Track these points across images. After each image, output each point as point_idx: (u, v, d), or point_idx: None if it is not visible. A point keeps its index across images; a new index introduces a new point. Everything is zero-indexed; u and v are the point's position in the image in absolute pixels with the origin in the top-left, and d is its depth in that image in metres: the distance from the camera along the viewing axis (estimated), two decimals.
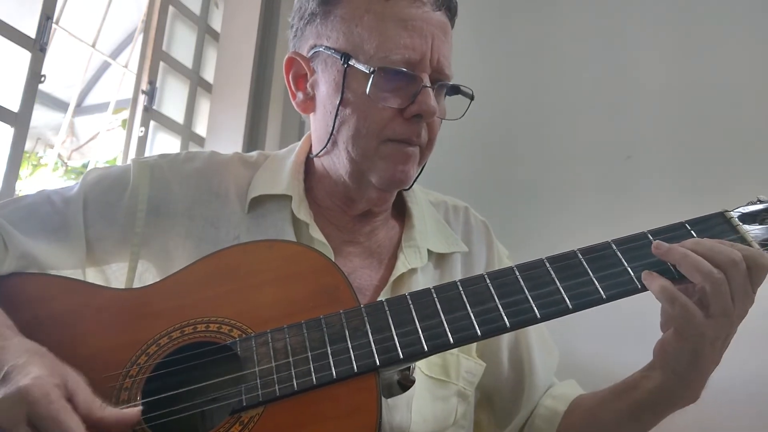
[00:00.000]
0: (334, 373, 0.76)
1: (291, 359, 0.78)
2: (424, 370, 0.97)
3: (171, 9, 2.42)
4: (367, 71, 0.93)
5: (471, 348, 1.04)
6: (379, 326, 0.80)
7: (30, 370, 0.70)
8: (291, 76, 1.04)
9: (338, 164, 1.01)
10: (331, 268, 0.86)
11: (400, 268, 1.01)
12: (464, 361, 1.02)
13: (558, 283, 0.80)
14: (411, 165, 0.98)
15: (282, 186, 1.03)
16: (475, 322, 0.79)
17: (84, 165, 4.28)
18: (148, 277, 1.00)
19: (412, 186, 1.10)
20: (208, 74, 2.61)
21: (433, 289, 0.83)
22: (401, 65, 0.93)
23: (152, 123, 2.32)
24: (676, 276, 0.79)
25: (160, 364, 0.81)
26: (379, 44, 0.93)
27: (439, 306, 0.81)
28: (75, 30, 2.94)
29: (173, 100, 2.45)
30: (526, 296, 0.80)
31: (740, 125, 1.86)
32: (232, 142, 2.45)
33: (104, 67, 4.29)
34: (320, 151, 1.03)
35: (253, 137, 2.50)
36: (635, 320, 1.22)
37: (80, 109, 4.30)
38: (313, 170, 1.07)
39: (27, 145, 1.83)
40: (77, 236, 0.98)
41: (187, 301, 0.86)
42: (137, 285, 0.99)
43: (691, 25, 2.01)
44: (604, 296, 0.79)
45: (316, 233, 0.99)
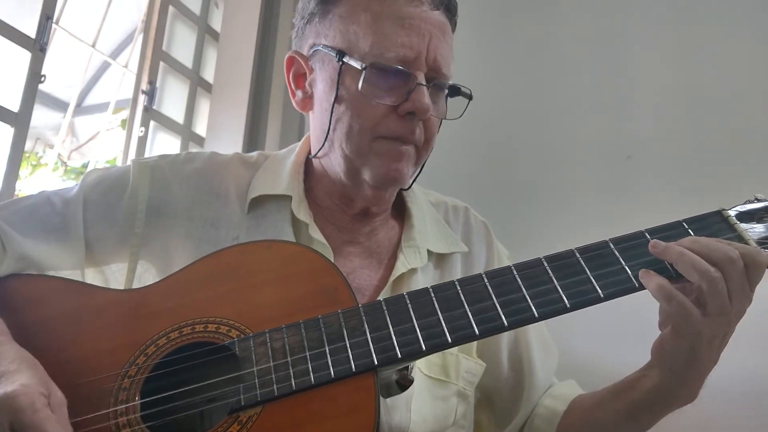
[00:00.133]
0: (332, 372, 0.76)
1: (289, 359, 0.78)
2: (424, 370, 0.97)
3: (171, 9, 2.42)
4: (359, 67, 0.93)
5: (471, 348, 1.04)
6: (377, 326, 0.80)
7: (18, 378, 0.70)
8: (291, 75, 1.05)
9: (335, 162, 1.01)
10: (330, 269, 0.86)
11: (400, 268, 1.01)
12: (464, 361, 1.02)
13: (555, 282, 0.80)
14: (405, 163, 0.97)
15: (282, 186, 1.03)
16: (472, 321, 0.79)
17: (84, 165, 4.28)
18: (148, 277, 1.00)
19: (411, 186, 1.11)
20: (208, 74, 2.61)
21: (431, 289, 0.82)
22: (395, 62, 0.93)
23: (152, 123, 2.32)
24: (674, 275, 0.79)
25: (159, 365, 0.81)
26: (374, 42, 0.93)
27: (437, 305, 0.81)
28: (75, 30, 2.94)
29: (173, 100, 2.44)
30: (523, 295, 0.80)
31: (740, 125, 1.85)
32: (232, 142, 2.45)
33: (104, 67, 4.29)
34: (318, 151, 1.03)
35: (253, 137, 2.49)
36: (635, 320, 1.22)
37: (80, 109, 4.30)
38: (312, 170, 1.07)
39: (27, 145, 1.83)
40: (76, 237, 0.98)
41: (185, 302, 0.86)
42: (137, 286, 0.99)
43: (691, 25, 2.01)
44: (601, 295, 0.79)
45: (315, 233, 1.00)
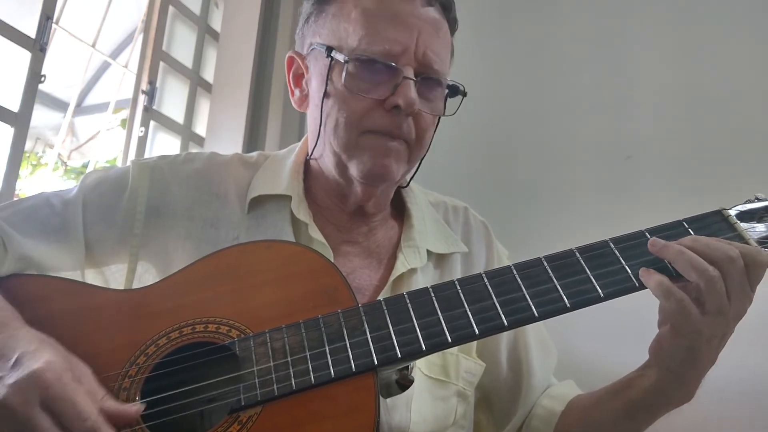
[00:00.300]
0: (333, 372, 0.76)
1: (289, 359, 0.78)
2: (424, 371, 0.97)
3: (171, 9, 2.42)
4: (342, 61, 0.94)
5: (471, 348, 1.04)
6: (377, 325, 0.80)
7: (41, 355, 0.72)
8: (291, 75, 1.07)
9: (327, 159, 1.01)
10: (330, 269, 0.86)
11: (400, 268, 1.01)
12: (464, 361, 1.02)
13: (555, 281, 0.80)
14: (393, 159, 0.96)
15: (282, 186, 1.03)
16: (472, 321, 0.79)
17: (84, 165, 4.29)
18: (147, 278, 1.00)
19: (408, 184, 1.11)
20: (208, 74, 2.61)
21: (430, 288, 0.82)
22: (380, 56, 0.93)
23: (152, 123, 2.32)
24: (674, 274, 0.79)
25: (159, 365, 0.81)
26: (362, 37, 0.94)
27: (436, 305, 0.81)
28: (75, 30, 2.94)
29: (173, 100, 2.45)
30: (523, 295, 0.80)
31: (740, 125, 1.85)
32: (232, 142, 2.45)
33: (104, 67, 4.30)
34: (313, 150, 1.04)
35: (253, 137, 2.49)
36: (635, 320, 1.22)
37: (80, 109, 4.30)
38: (311, 170, 1.07)
39: (27, 144, 1.83)
40: (76, 238, 0.98)
41: (185, 302, 0.86)
42: (137, 286, 0.98)
43: (691, 25, 2.01)
44: (601, 294, 0.79)
45: (315, 233, 0.99)
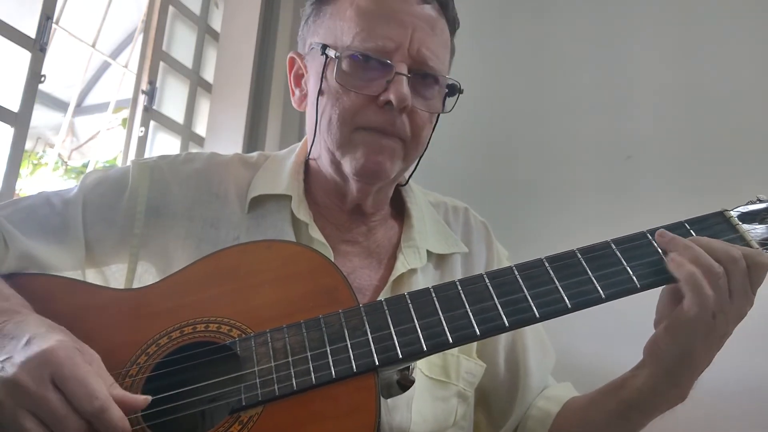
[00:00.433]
0: (333, 372, 0.76)
1: (290, 359, 0.78)
2: (425, 371, 0.97)
3: (171, 9, 2.42)
4: (335, 57, 0.94)
5: (471, 349, 1.04)
6: (378, 326, 0.80)
7: (52, 336, 0.72)
8: (292, 75, 1.07)
9: (323, 157, 1.01)
10: (330, 269, 0.86)
11: (400, 268, 1.01)
12: (464, 361, 1.02)
13: (557, 282, 0.80)
14: (386, 156, 0.95)
15: (282, 186, 1.03)
16: (474, 322, 0.79)
17: (84, 165, 4.28)
18: (148, 278, 0.99)
19: (407, 183, 1.11)
20: (208, 74, 2.61)
21: (432, 289, 0.82)
22: (373, 53, 0.93)
23: (152, 123, 2.32)
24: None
25: (160, 364, 0.81)
26: (356, 34, 0.94)
27: (438, 305, 0.81)
28: (75, 30, 2.94)
29: (173, 100, 2.45)
30: (525, 295, 0.80)
31: (740, 125, 1.85)
32: (232, 142, 2.45)
33: (104, 67, 4.29)
34: (311, 149, 1.04)
35: (253, 137, 2.49)
36: (635, 320, 1.22)
37: (80, 109, 4.30)
38: (311, 170, 1.07)
39: (27, 144, 1.83)
40: (76, 237, 0.98)
41: (186, 301, 0.86)
42: (137, 286, 0.98)
43: (691, 25, 2.01)
44: (603, 296, 0.79)
45: (315, 233, 0.99)
